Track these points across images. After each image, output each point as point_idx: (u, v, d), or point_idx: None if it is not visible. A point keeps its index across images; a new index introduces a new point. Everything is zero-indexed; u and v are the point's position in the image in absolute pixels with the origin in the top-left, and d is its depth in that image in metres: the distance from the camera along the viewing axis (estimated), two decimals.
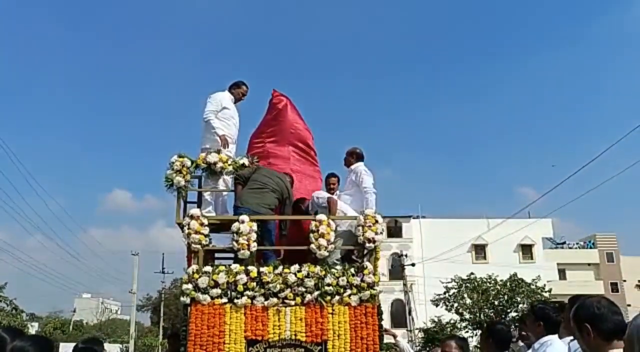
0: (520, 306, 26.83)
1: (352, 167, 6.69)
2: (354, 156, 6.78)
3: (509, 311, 26.83)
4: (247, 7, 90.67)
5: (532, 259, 42.46)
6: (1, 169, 56.70)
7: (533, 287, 27.65)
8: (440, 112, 75.65)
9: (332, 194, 6.65)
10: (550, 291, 29.07)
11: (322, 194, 6.45)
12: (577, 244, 47.13)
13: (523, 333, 4.64)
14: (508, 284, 27.56)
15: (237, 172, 6.27)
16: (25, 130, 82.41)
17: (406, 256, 35.07)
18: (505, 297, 27.05)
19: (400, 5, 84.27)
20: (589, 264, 44.80)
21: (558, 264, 43.04)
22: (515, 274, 28.01)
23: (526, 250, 43.42)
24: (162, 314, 43.09)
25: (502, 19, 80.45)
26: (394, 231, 41.55)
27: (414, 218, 43.14)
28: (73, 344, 4.18)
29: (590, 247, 46.10)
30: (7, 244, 77.43)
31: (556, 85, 78.23)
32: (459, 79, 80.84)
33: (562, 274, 42.99)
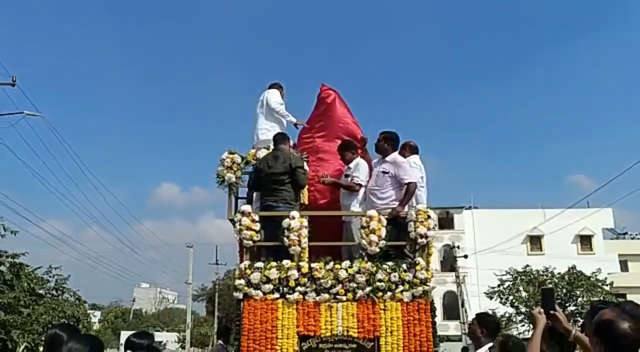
0: (580, 299, 25.83)
1: (405, 159, 6.55)
2: (407, 148, 6.66)
3: (567, 305, 25.83)
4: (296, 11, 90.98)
5: (591, 250, 40.78)
6: (62, 165, 59.12)
7: (593, 280, 26.54)
8: (490, 101, 73.60)
9: None
10: (611, 284, 27.84)
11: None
12: (639, 234, 45.08)
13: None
14: (566, 277, 26.58)
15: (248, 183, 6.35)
16: (83, 128, 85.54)
17: (458, 247, 34.48)
18: (564, 290, 26.03)
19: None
20: None
21: (619, 255, 41.14)
22: (574, 267, 27.01)
23: (585, 241, 41.73)
24: (216, 304, 44.09)
25: (543, 15, 77.17)
26: (446, 222, 40.85)
27: (466, 209, 42.27)
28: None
29: None
30: (67, 236, 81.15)
31: (607, 70, 74.40)
32: (510, 68, 78.35)
33: (624, 265, 41.09)
